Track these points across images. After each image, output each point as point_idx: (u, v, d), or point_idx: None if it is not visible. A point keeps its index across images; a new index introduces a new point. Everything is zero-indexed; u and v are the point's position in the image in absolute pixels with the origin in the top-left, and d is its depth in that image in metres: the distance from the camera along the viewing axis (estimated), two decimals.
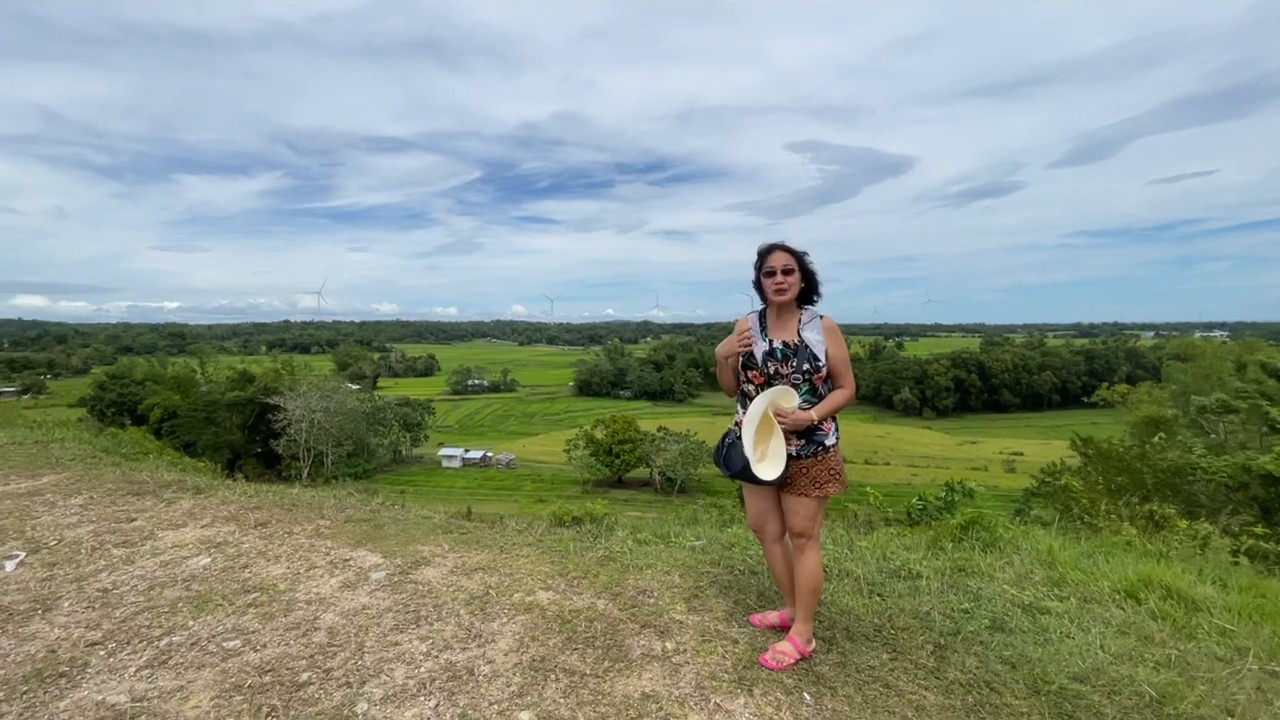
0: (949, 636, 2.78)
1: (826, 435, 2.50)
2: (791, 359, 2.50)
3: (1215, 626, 3.23)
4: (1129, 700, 2.42)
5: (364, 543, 3.73)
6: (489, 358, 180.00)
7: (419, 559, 3.44)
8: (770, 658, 2.45)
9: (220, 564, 3.34)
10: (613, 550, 3.63)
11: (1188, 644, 2.99)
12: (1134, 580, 3.64)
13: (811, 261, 2.55)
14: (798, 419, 2.42)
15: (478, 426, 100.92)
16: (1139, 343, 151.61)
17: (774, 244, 2.57)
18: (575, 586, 3.10)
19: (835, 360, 2.49)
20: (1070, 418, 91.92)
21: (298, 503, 4.61)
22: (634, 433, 60.35)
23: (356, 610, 2.84)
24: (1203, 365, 31.70)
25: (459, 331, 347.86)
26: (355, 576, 3.21)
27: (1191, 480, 10.54)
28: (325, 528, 4.00)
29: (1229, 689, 2.57)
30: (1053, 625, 3.00)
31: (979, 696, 2.34)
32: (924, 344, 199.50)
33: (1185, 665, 2.75)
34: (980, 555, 4.10)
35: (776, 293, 2.52)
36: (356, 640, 2.57)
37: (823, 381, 2.51)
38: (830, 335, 2.50)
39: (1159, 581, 3.62)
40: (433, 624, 2.72)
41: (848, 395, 2.51)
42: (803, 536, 2.53)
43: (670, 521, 4.80)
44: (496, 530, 4.04)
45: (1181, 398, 28.77)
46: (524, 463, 71.48)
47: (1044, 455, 50.92)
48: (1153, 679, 2.57)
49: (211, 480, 5.32)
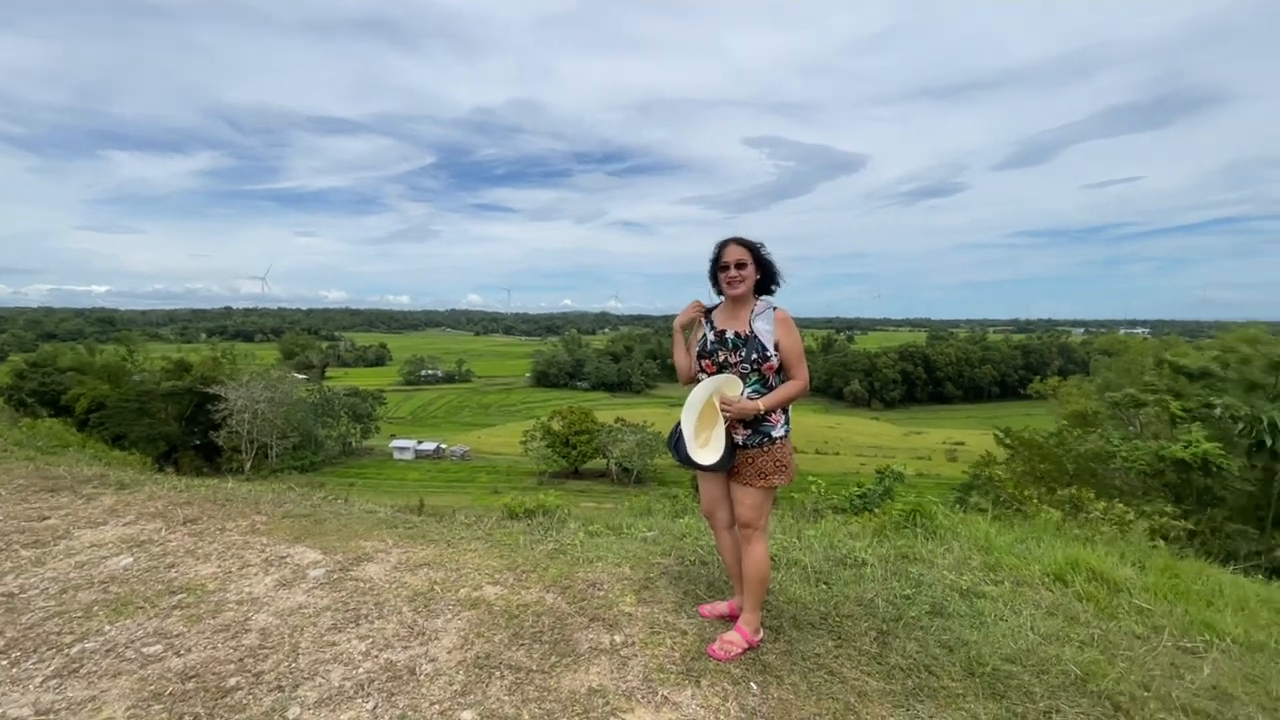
0: (891, 622, 2.86)
1: (774, 427, 2.50)
2: (741, 349, 2.50)
3: (1134, 606, 3.42)
4: (1056, 679, 2.53)
5: (303, 539, 3.58)
6: (443, 347, 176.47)
7: (361, 555, 3.32)
8: (718, 648, 2.46)
9: (143, 564, 3.15)
10: (563, 543, 3.59)
11: (1110, 623, 3.16)
12: (1062, 564, 3.82)
13: (768, 253, 2.56)
14: (742, 408, 2.42)
15: (431, 418, 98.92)
16: (1070, 338, 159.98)
17: (729, 238, 2.58)
18: (524, 580, 3.05)
19: (786, 352, 2.49)
20: (1008, 409, 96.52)
21: (233, 497, 4.39)
22: (591, 424, 60.27)
23: (292, 610, 2.71)
24: (1126, 360, 33.68)
25: (412, 320, 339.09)
26: (292, 574, 3.07)
27: (1111, 467, 11.21)
28: (261, 523, 3.82)
29: (1146, 665, 2.72)
30: (988, 609, 3.12)
31: (918, 680, 2.40)
32: (873, 338, 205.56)
33: (1107, 644, 2.89)
34: (922, 542, 4.23)
35: (729, 286, 2.54)
36: (291, 641, 2.46)
37: (773, 372, 2.51)
38: (782, 326, 2.50)
39: (1084, 564, 3.82)
40: (373, 622, 2.62)
41: (799, 387, 2.51)
42: (749, 527, 2.55)
43: (623, 513, 4.79)
44: (444, 524, 3.93)
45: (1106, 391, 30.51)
46: (479, 454, 70.51)
47: (984, 445, 53.25)
48: (1077, 658, 2.70)
49: (138, 475, 5.01)
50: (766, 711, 2.15)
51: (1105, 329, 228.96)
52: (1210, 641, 3.06)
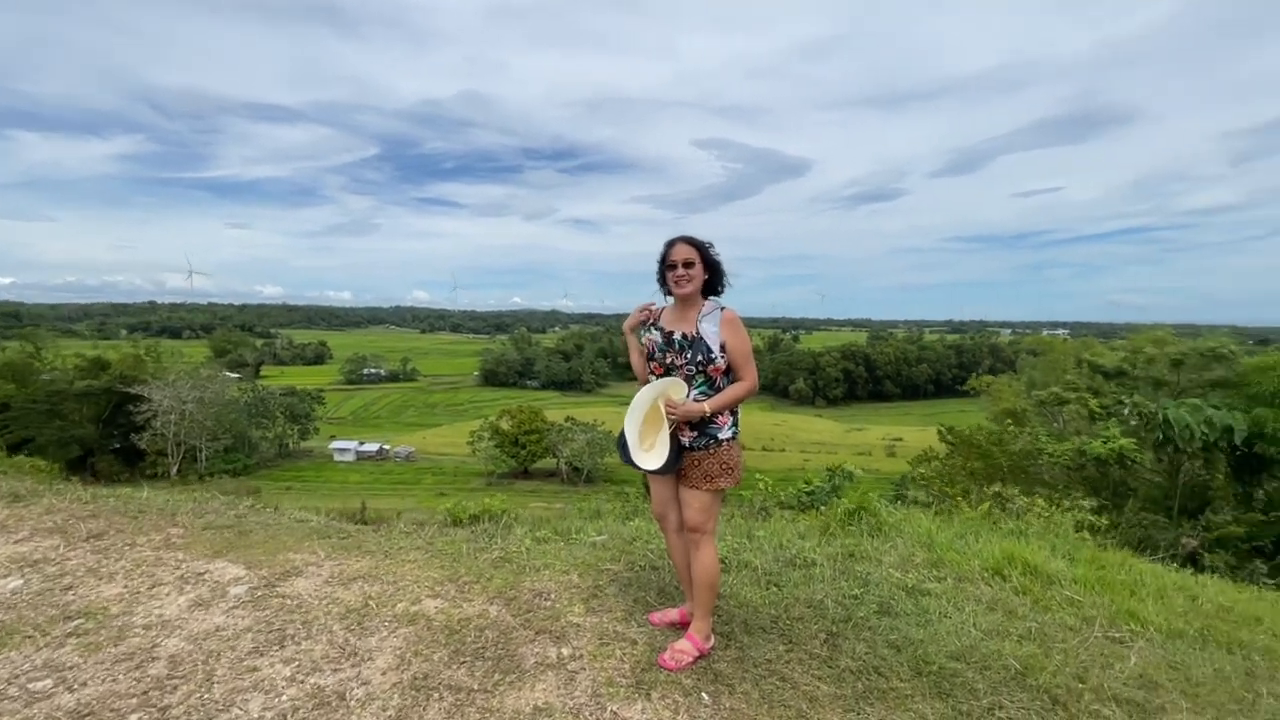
0: (841, 624, 2.86)
1: (720, 429, 2.45)
2: (687, 350, 2.45)
3: (1066, 598, 3.56)
4: (998, 674, 2.58)
5: (224, 553, 3.31)
6: (387, 345, 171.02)
7: (289, 569, 3.10)
8: (669, 657, 2.39)
9: (35, 586, 2.84)
10: (509, 551, 3.46)
11: (1045, 616, 3.26)
12: (1000, 559, 3.95)
13: (717, 253, 2.51)
14: (687, 410, 2.37)
15: (374, 418, 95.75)
16: (999, 339, 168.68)
17: (677, 237, 2.53)
18: (466, 592, 2.91)
19: (733, 353, 2.45)
20: (943, 406, 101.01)
21: (146, 508, 4.04)
22: (540, 423, 59.63)
23: (208, 633, 2.49)
24: (1050, 360, 35.74)
25: (354, 317, 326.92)
26: (210, 593, 2.83)
27: (1038, 463, 11.83)
28: (178, 537, 3.53)
29: (1079, 657, 2.82)
30: (933, 606, 3.17)
31: (868, 683, 2.40)
32: (817, 337, 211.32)
33: (1043, 637, 2.98)
34: (868, 540, 4.30)
35: (677, 285, 2.50)
36: (205, 669, 2.25)
37: (720, 374, 2.46)
38: (729, 327, 2.45)
39: (1020, 559, 3.95)
40: (300, 643, 2.43)
41: (746, 389, 2.46)
42: (696, 531, 2.49)
43: (572, 516, 4.68)
44: (382, 533, 3.73)
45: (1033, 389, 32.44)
46: (424, 455, 68.69)
47: (921, 441, 55.56)
48: (1017, 652, 2.76)
49: (36, 486, 4.57)
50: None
51: (1030, 330, 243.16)
52: (1136, 631, 3.20)
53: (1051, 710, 2.39)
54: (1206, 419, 9.03)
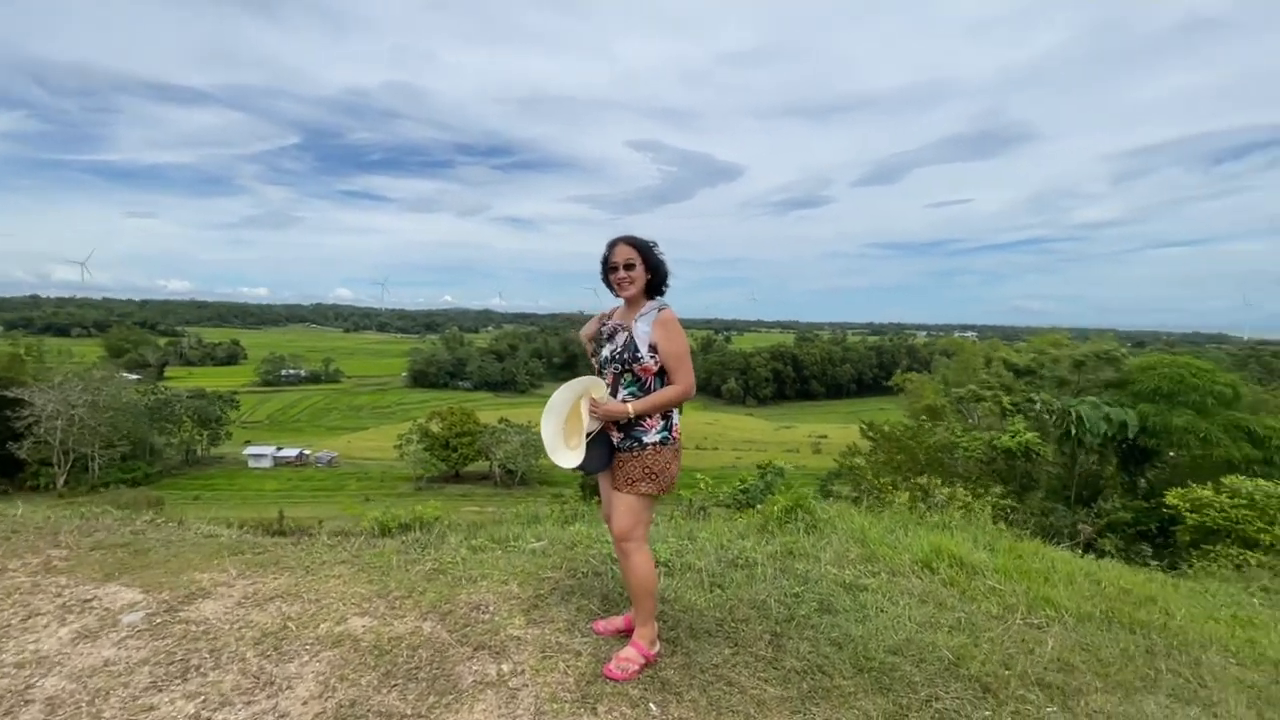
0: (784, 624, 2.87)
1: (646, 432, 2.37)
2: (618, 347, 2.40)
3: (989, 587, 3.73)
4: (932, 666, 2.66)
5: (117, 575, 2.98)
6: (308, 345, 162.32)
7: (195, 591, 2.82)
8: (615, 667, 2.32)
9: None
10: (443, 561, 3.28)
11: (971, 606, 3.41)
12: (929, 552, 4.10)
13: (661, 253, 2.46)
14: (608, 409, 2.32)
15: (293, 421, 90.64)
16: (915, 340, 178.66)
17: (619, 237, 2.47)
18: (397, 608, 2.73)
19: (665, 355, 2.37)
20: (865, 404, 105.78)
21: (21, 527, 3.60)
22: (473, 425, 58.20)
23: (95, 668, 2.21)
24: (963, 360, 38.13)
25: (271, 315, 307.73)
26: (98, 623, 2.53)
27: (955, 456, 12.55)
28: (60, 559, 3.15)
29: (1004, 644, 2.95)
30: (870, 601, 3.24)
31: (813, 682, 2.41)
32: (748, 338, 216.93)
33: (972, 626, 3.11)
34: (805, 537, 4.37)
35: (619, 288, 2.46)
36: (91, 710, 1.99)
37: (651, 375, 2.39)
38: (662, 328, 2.37)
39: (947, 551, 4.12)
40: (207, 675, 2.20)
41: (678, 392, 2.37)
42: (623, 539, 2.41)
43: (509, 522, 4.53)
44: (302, 547, 3.46)
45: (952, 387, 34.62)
46: (349, 460, 65.63)
47: (844, 437, 58.03)
48: (949, 643, 2.86)
49: None
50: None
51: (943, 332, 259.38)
52: (1051, 616, 3.39)
53: (983, 698, 2.48)
54: (1105, 415, 9.85)
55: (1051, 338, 18.63)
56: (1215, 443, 10.96)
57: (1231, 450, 11.00)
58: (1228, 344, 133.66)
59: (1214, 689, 2.84)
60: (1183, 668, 3.01)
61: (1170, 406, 10.83)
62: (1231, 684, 2.92)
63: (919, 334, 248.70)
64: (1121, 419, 9.72)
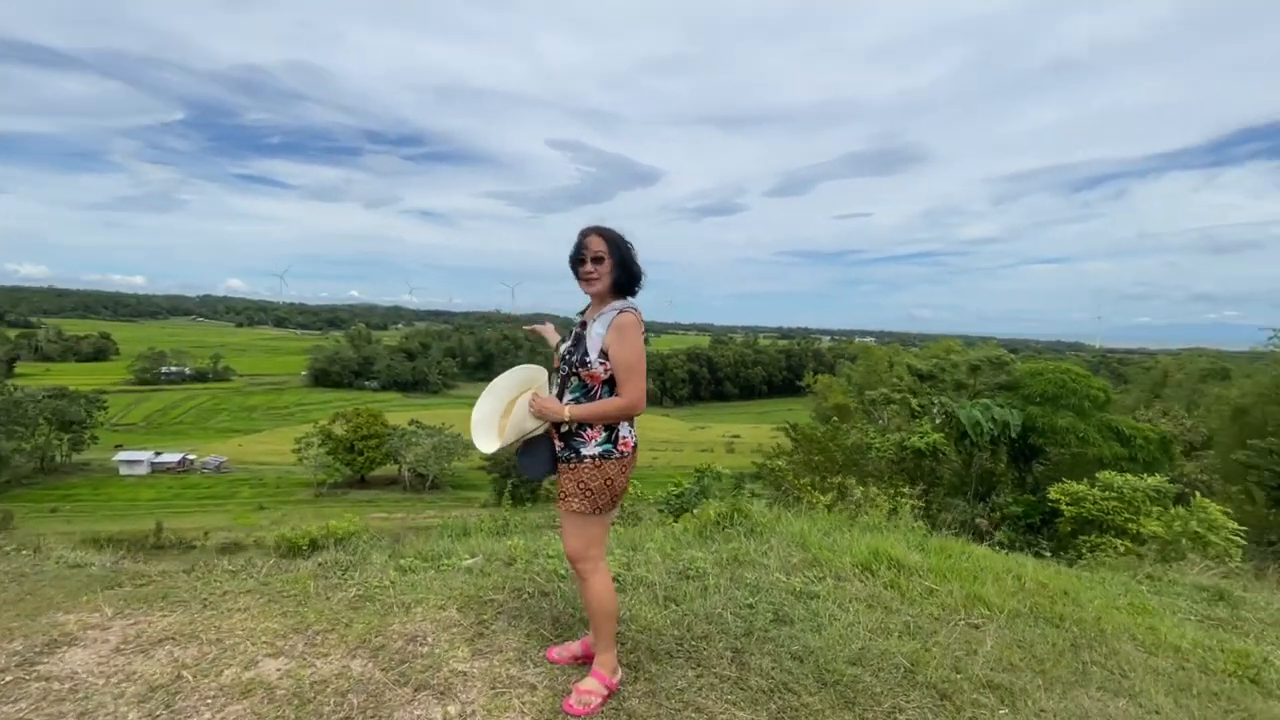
0: (743, 638, 2.77)
1: (585, 443, 2.17)
2: (572, 347, 2.24)
3: (925, 588, 3.81)
4: (890, 675, 2.64)
5: None
6: (194, 340, 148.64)
7: (58, 638, 2.34)
8: (575, 702, 2.12)
9: None
10: (368, 585, 2.94)
11: (914, 609, 3.45)
12: (867, 554, 4.16)
13: (632, 249, 2.27)
14: (543, 406, 2.15)
15: (174, 424, 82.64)
16: (821, 344, 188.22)
17: (591, 227, 2.26)
18: (319, 645, 2.38)
19: (616, 363, 2.15)
20: (775, 405, 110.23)
21: None
22: (380, 427, 55.37)
23: None
24: (868, 364, 40.38)
25: (149, 306, 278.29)
26: None
27: (868, 456, 13.18)
28: None
29: (951, 648, 2.99)
30: (821, 609, 3.21)
31: (781, 702, 2.32)
32: (665, 340, 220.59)
33: (919, 630, 3.14)
34: (747, 542, 4.33)
35: (585, 282, 2.25)
36: None
37: (599, 382, 2.18)
38: (617, 333, 2.14)
39: (884, 553, 4.20)
40: None
41: (620, 405, 2.15)
42: (576, 560, 2.22)
43: (436, 537, 4.18)
44: (196, 576, 3.00)
45: (853, 389, 36.64)
46: (240, 465, 60.61)
47: (756, 437, 60.07)
48: (901, 649, 2.87)
49: None
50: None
51: (846, 337, 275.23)
52: (986, 615, 3.50)
53: (941, 705, 2.48)
54: (992, 416, 10.65)
55: (945, 344, 20.14)
56: (1091, 442, 12.22)
57: (1103, 448, 12.28)
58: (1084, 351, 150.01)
59: (1134, 679, 3.01)
60: (1104, 659, 3.18)
61: (1054, 409, 11.96)
62: (1147, 673, 3.11)
63: (824, 338, 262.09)
64: (1006, 419, 10.59)
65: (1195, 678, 3.14)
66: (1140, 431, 12.67)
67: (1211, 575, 5.73)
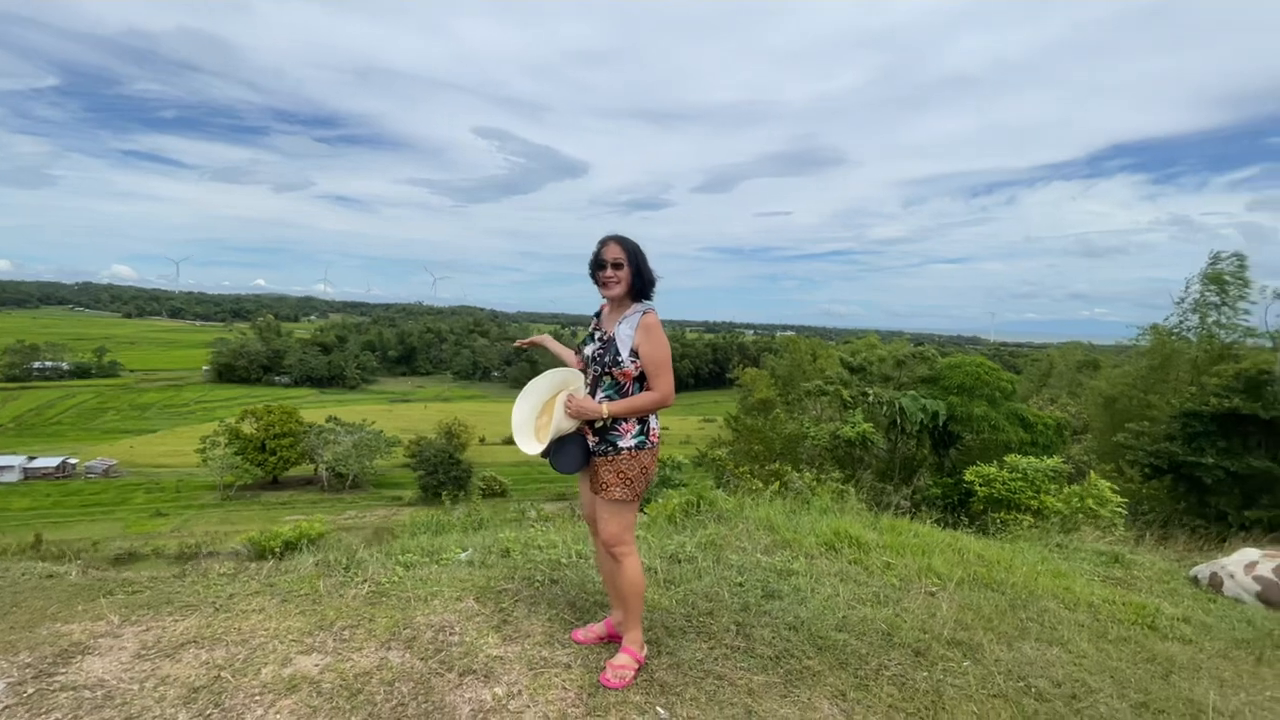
0: (742, 613, 3.02)
1: (621, 436, 2.36)
2: (601, 349, 2.40)
3: (883, 563, 4.22)
4: (872, 638, 2.97)
5: None
6: (72, 331, 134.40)
7: (68, 647, 2.26)
8: (611, 676, 2.29)
9: None
10: (379, 582, 2.97)
11: (879, 580, 3.84)
12: (830, 534, 4.54)
13: (645, 258, 2.46)
14: (581, 407, 2.31)
15: (50, 425, 74.71)
16: (745, 338, 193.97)
17: (609, 236, 2.44)
18: (349, 640, 2.42)
19: (646, 360, 2.34)
20: (703, 397, 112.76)
21: None
22: (295, 425, 52.35)
23: None
24: (794, 357, 42.11)
25: (16, 293, 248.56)
26: None
27: (803, 445, 13.92)
28: None
29: (917, 613, 3.37)
30: (803, 584, 3.52)
31: (787, 666, 2.58)
32: None
33: (888, 599, 3.51)
34: (718, 527, 4.61)
35: (604, 286, 2.43)
36: None
37: (630, 380, 2.37)
38: (645, 333, 2.34)
39: (845, 533, 4.59)
40: None
41: (654, 399, 2.35)
42: (610, 545, 2.40)
43: (419, 531, 4.20)
44: (194, 581, 2.92)
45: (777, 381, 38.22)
46: (134, 468, 55.69)
47: (684, 429, 61.26)
48: (877, 616, 3.21)
49: None
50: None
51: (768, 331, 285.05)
52: (939, 584, 3.93)
53: (917, 661, 2.83)
54: (922, 406, 11.57)
55: (868, 340, 21.45)
56: (1000, 428, 13.53)
57: (1011, 434, 13.63)
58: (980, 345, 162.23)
59: (1062, 630, 3.50)
60: (1037, 616, 3.66)
61: (970, 399, 13.16)
62: (1071, 625, 3.61)
63: (747, 333, 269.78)
64: (935, 409, 11.57)
65: (1108, 627, 3.68)
66: (1041, 419, 14.20)
67: (1105, 542, 6.57)
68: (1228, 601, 4.67)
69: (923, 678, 2.68)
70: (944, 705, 2.47)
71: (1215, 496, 11.24)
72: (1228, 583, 4.85)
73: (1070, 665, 3.05)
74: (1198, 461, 11.22)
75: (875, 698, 2.45)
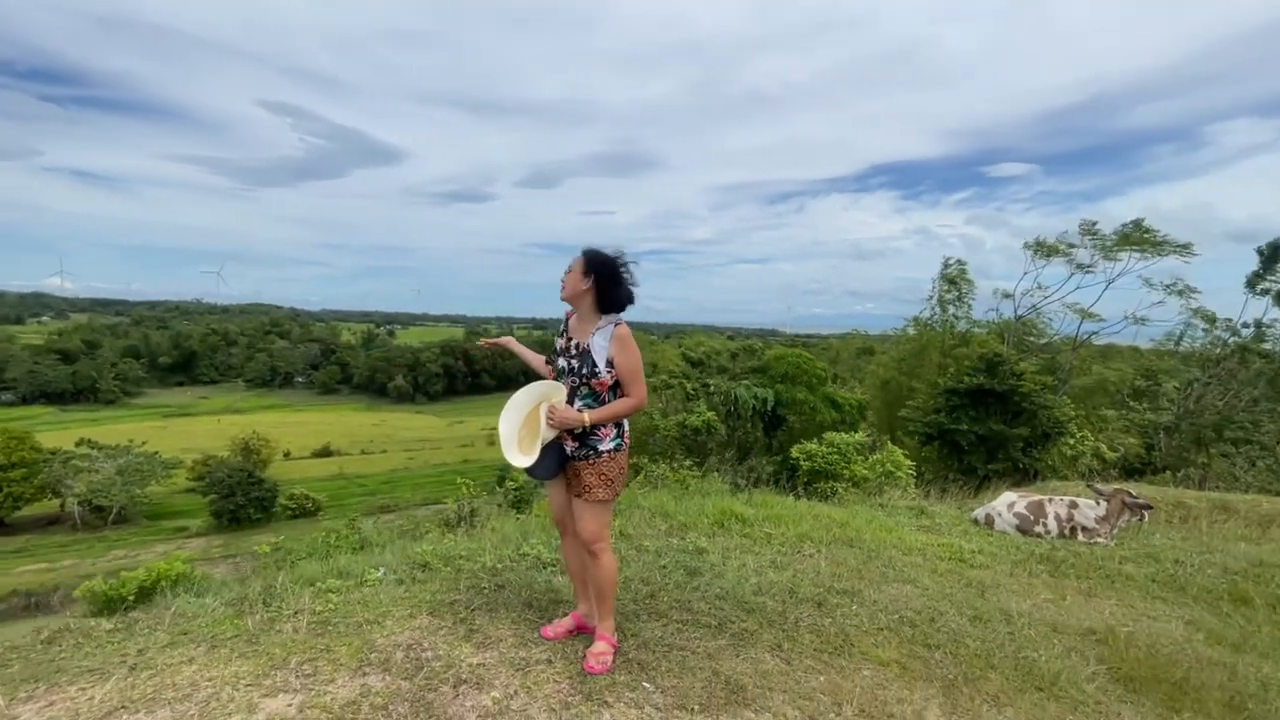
0: (677, 591, 3.35)
1: (601, 440, 2.56)
2: (576, 360, 2.56)
3: (765, 534, 4.83)
4: (785, 598, 3.47)
5: None
6: None
7: None
8: (595, 663, 2.46)
9: None
10: (315, 611, 2.78)
11: (771, 549, 4.41)
12: (717, 514, 5.05)
13: (627, 272, 2.58)
14: (564, 417, 2.46)
15: None
16: None
17: (584, 249, 2.58)
18: (315, 674, 2.28)
19: (621, 370, 2.53)
20: None
21: None
22: (30, 452, 42.22)
23: None
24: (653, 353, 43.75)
25: None
26: None
27: (654, 437, 14.75)
28: None
29: (808, 572, 3.97)
30: (715, 560, 3.94)
31: (731, 630, 2.95)
32: (414, 332, 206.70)
33: (784, 564, 4.07)
34: (620, 519, 4.89)
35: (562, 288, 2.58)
36: None
37: (606, 389, 2.56)
38: (618, 344, 2.53)
39: (730, 511, 5.14)
40: None
41: (631, 404, 2.57)
42: (590, 543, 2.57)
43: (334, 550, 3.91)
44: (71, 644, 2.48)
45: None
46: None
47: None
48: (780, 579, 3.74)
49: None
50: (672, 702, 2.32)
51: None
52: (816, 546, 4.63)
53: (820, 611, 3.38)
54: (754, 394, 12.94)
55: (696, 337, 23.21)
56: (818, 410, 15.68)
57: (825, 415, 15.87)
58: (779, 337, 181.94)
59: (908, 572, 4.34)
60: (888, 563, 4.47)
61: (793, 386, 15.05)
62: (912, 566, 4.48)
63: None
64: (765, 396, 13.07)
65: (936, 564, 4.63)
66: (848, 400, 16.75)
67: (907, 500, 8.03)
68: (999, 535, 6.04)
69: (829, 623, 3.22)
70: (852, 642, 3.01)
71: (969, 455, 14.12)
72: (997, 520, 6.24)
73: (921, 597, 3.83)
74: (956, 428, 14.01)
75: (802, 645, 2.92)
